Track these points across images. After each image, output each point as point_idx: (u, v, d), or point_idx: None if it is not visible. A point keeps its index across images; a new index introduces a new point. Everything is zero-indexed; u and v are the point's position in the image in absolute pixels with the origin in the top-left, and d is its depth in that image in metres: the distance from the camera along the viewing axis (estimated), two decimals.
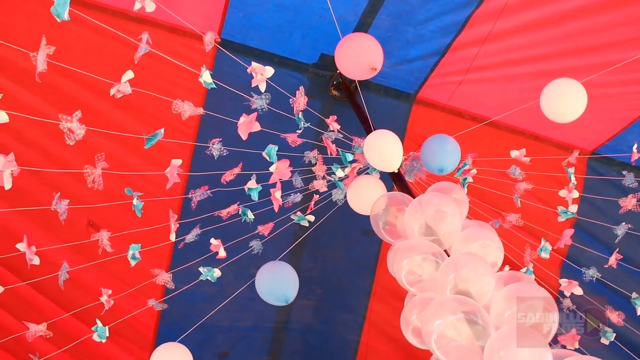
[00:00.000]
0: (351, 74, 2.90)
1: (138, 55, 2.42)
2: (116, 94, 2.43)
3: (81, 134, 2.30)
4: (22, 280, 3.08)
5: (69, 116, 2.30)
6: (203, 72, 2.58)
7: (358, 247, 3.93)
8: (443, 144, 2.91)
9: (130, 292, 3.14)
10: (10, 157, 2.24)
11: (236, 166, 2.96)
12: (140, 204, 2.75)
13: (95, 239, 2.80)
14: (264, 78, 2.64)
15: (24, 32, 3.01)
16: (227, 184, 2.92)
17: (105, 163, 2.58)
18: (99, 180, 2.52)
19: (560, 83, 2.67)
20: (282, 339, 4.01)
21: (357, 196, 2.97)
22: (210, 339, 3.76)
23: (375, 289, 4.00)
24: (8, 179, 2.24)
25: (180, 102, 2.59)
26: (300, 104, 2.81)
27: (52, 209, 2.56)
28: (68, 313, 3.01)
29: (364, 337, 4.07)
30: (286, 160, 2.85)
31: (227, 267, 3.07)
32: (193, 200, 2.93)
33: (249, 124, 2.64)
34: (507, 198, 3.50)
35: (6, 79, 3.15)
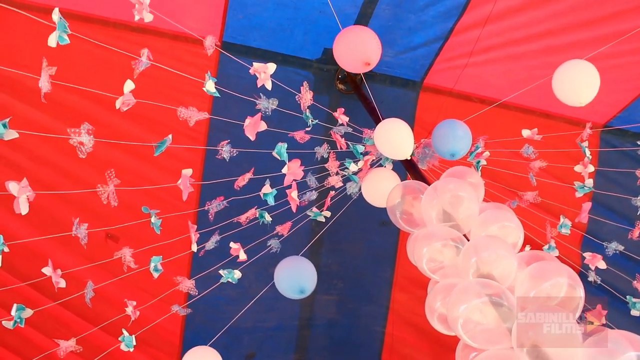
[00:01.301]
0: (348, 68, 2.90)
1: (138, 71, 2.43)
2: (122, 107, 2.44)
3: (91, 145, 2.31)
4: (47, 297, 3.11)
5: (77, 129, 2.31)
6: (207, 81, 2.59)
7: (376, 238, 3.93)
8: (453, 128, 2.90)
9: (152, 299, 3.17)
10: (24, 183, 2.26)
11: (249, 169, 2.97)
12: (159, 221, 2.77)
13: (119, 256, 2.82)
14: (268, 76, 2.65)
15: (29, 52, 3.03)
16: (241, 189, 2.93)
17: (117, 179, 2.60)
18: (113, 196, 2.54)
19: (572, 69, 2.64)
20: (307, 336, 4.02)
21: (372, 189, 2.97)
22: (236, 341, 3.77)
23: (396, 279, 3.99)
24: (24, 204, 2.28)
25: (184, 110, 2.60)
26: (306, 100, 2.81)
27: (72, 235, 2.59)
28: (96, 327, 3.03)
29: (389, 328, 4.07)
30: (297, 160, 2.85)
31: (247, 268, 3.08)
32: (210, 212, 2.95)
33: (255, 125, 2.65)
34: (522, 178, 3.48)
35: (15, 99, 3.18)
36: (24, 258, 3.14)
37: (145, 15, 2.38)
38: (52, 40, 2.23)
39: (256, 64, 2.69)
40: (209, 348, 2.78)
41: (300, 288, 2.61)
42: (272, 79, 2.74)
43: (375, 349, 4.10)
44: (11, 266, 3.15)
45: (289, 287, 2.65)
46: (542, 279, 2.02)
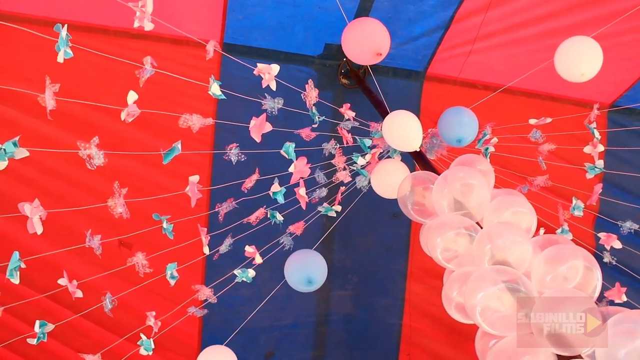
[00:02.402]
0: (359, 60, 2.89)
1: (143, 79, 2.44)
2: (127, 118, 2.45)
3: (101, 159, 2.33)
4: (65, 307, 3.13)
5: (87, 143, 2.33)
6: (212, 84, 2.59)
7: (388, 230, 3.92)
8: (459, 115, 2.89)
9: (171, 305, 3.18)
10: (36, 203, 2.29)
11: (254, 171, 2.98)
12: (170, 226, 2.79)
13: (132, 263, 2.84)
14: (272, 77, 2.65)
15: (32, 66, 3.05)
16: (250, 190, 2.94)
17: (125, 190, 2.61)
18: (124, 209, 2.55)
19: (574, 43, 2.63)
20: (324, 332, 4.02)
21: (381, 181, 2.97)
22: (254, 341, 3.79)
23: (410, 271, 3.99)
24: (38, 224, 2.31)
25: (188, 116, 2.61)
26: (312, 98, 2.81)
27: (86, 246, 2.61)
28: (121, 338, 3.06)
29: (406, 320, 4.07)
30: (303, 158, 2.86)
31: (261, 267, 3.09)
32: (220, 214, 2.96)
33: (260, 126, 2.66)
34: (532, 162, 3.46)
35: (21, 113, 3.20)
36: (40, 270, 3.15)
37: (146, 24, 2.39)
38: (60, 57, 2.25)
39: (260, 64, 2.69)
40: (222, 347, 2.79)
41: (308, 278, 2.60)
42: (276, 80, 2.75)
43: (393, 342, 4.10)
44: (28, 279, 3.16)
45: (297, 279, 2.65)
46: (558, 263, 2.02)
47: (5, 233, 3.31)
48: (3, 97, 3.22)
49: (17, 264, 2.37)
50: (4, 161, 2.11)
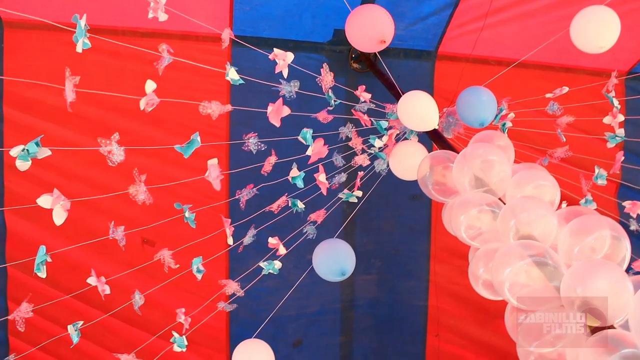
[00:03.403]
0: (364, 49, 2.87)
1: (162, 67, 2.44)
2: (146, 107, 2.45)
3: (121, 155, 2.34)
4: (95, 307, 3.17)
5: (107, 139, 2.34)
6: (229, 70, 2.58)
7: (408, 213, 3.92)
8: (478, 96, 2.84)
9: (197, 299, 3.21)
10: (57, 193, 2.29)
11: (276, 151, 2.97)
12: (192, 215, 2.79)
13: (157, 259, 2.85)
14: (286, 64, 2.64)
15: (45, 70, 3.07)
16: (269, 175, 2.93)
17: (144, 176, 2.62)
18: (147, 195, 2.56)
19: (590, 15, 2.58)
20: (351, 318, 4.03)
21: (400, 163, 2.95)
22: (281, 330, 3.81)
23: (433, 252, 3.98)
24: (60, 213, 2.29)
25: (207, 103, 2.61)
26: (327, 82, 2.80)
27: (110, 238, 2.62)
28: (154, 337, 3.08)
29: (432, 301, 4.07)
30: (320, 139, 2.84)
31: (285, 257, 3.10)
32: (241, 201, 2.96)
33: (278, 110, 2.65)
34: (550, 135, 3.43)
35: (38, 119, 3.23)
36: (65, 271, 3.21)
37: (160, 15, 2.37)
38: (79, 47, 2.24)
39: (277, 50, 2.68)
40: (257, 340, 2.81)
41: (342, 270, 2.61)
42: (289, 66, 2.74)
43: (420, 323, 4.10)
44: (55, 281, 3.21)
45: (330, 271, 2.66)
46: (584, 234, 1.99)
47: (28, 236, 3.36)
48: (19, 104, 3.25)
49: (43, 258, 2.38)
50: (27, 161, 2.11)
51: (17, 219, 3.37)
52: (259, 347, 2.75)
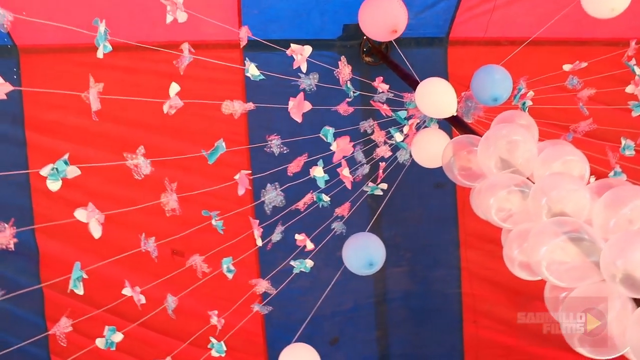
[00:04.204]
0: (376, 37, 2.86)
1: (182, 67, 2.45)
2: (169, 110, 2.46)
3: (148, 167, 2.35)
4: (130, 321, 3.19)
5: (133, 154, 2.35)
6: (249, 67, 2.58)
7: (434, 201, 3.90)
8: (491, 73, 2.82)
9: (229, 305, 3.21)
10: (91, 207, 2.30)
11: (294, 158, 2.97)
12: (220, 221, 2.80)
13: (190, 264, 2.87)
14: (304, 58, 2.64)
15: (61, 93, 3.10)
16: (293, 175, 2.94)
17: (175, 184, 2.64)
18: (177, 205, 2.57)
19: None
20: (385, 311, 4.02)
21: (422, 151, 2.93)
22: (317, 329, 3.80)
23: (462, 238, 3.95)
24: (96, 227, 2.31)
25: (229, 103, 2.61)
26: (345, 74, 2.79)
27: (142, 250, 2.63)
28: (185, 343, 3.10)
29: (465, 288, 4.04)
30: (346, 137, 2.84)
31: (315, 256, 3.09)
32: (266, 203, 2.96)
33: (300, 105, 2.65)
34: (572, 110, 3.37)
35: (60, 140, 3.28)
36: (98, 287, 3.22)
37: (180, 16, 2.38)
38: (100, 52, 2.26)
39: (294, 45, 2.69)
40: (301, 344, 2.80)
41: (370, 261, 2.61)
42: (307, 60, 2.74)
43: (455, 312, 4.08)
44: (88, 297, 3.24)
45: (358, 263, 2.65)
46: (619, 206, 1.95)
47: (60, 256, 3.41)
48: (40, 127, 3.31)
49: (79, 274, 2.40)
50: (57, 181, 2.12)
51: (48, 240, 3.43)
52: (305, 352, 2.75)
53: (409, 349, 4.11)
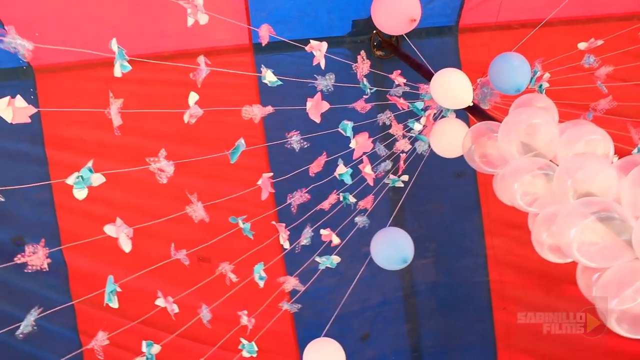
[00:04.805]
0: (394, 31, 2.85)
1: (200, 80, 2.46)
2: (190, 120, 2.47)
3: (171, 169, 2.36)
4: (163, 330, 3.23)
5: (155, 157, 2.36)
6: (266, 73, 2.59)
7: (455, 191, 3.88)
8: (509, 62, 2.77)
9: (258, 307, 3.23)
10: (119, 222, 2.32)
11: (313, 160, 2.97)
12: (248, 225, 2.81)
13: (219, 272, 2.88)
14: (322, 54, 2.63)
15: (79, 107, 3.14)
16: (313, 178, 2.94)
17: (195, 195, 2.65)
18: (204, 213, 2.59)
19: None
20: (414, 304, 4.02)
21: (441, 141, 2.92)
22: (347, 326, 3.81)
23: (486, 226, 3.93)
24: (126, 241, 2.33)
25: (249, 107, 2.62)
26: (363, 69, 2.79)
27: (172, 258, 2.65)
28: (216, 346, 3.11)
29: (493, 275, 4.02)
30: (365, 133, 2.83)
31: (340, 253, 3.09)
32: (292, 205, 2.97)
33: (318, 106, 2.64)
34: (590, 89, 3.33)
35: (80, 156, 3.29)
36: (129, 300, 3.24)
37: (201, 18, 2.38)
38: (117, 71, 2.25)
39: (313, 41, 2.68)
40: (325, 339, 2.81)
41: (403, 258, 2.60)
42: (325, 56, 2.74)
43: (484, 300, 4.06)
44: (121, 310, 3.27)
45: (392, 260, 2.65)
46: None
47: (89, 271, 3.44)
48: (60, 144, 3.34)
49: (113, 287, 2.42)
50: (83, 189, 2.14)
51: (75, 256, 3.47)
52: (328, 346, 2.75)
53: (440, 340, 4.10)
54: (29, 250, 2.15)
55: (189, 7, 2.33)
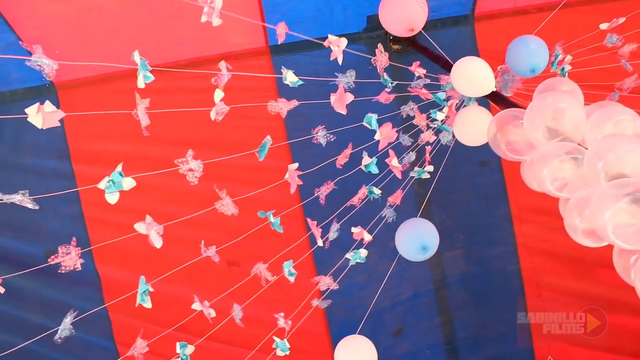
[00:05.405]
0: (394, 32, 2.85)
1: (222, 85, 2.47)
2: (217, 117, 2.48)
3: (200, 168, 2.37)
4: (198, 336, 3.25)
5: (183, 157, 2.38)
6: (287, 74, 2.59)
7: (480, 180, 3.85)
8: (525, 44, 2.76)
9: (292, 310, 3.23)
10: (149, 219, 2.33)
11: (335, 156, 2.97)
12: (277, 219, 2.82)
13: (254, 273, 2.89)
14: (341, 50, 2.63)
15: (102, 120, 3.19)
16: (337, 170, 2.93)
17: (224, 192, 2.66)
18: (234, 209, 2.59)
19: None
20: (446, 296, 4.00)
21: (465, 131, 2.90)
22: (380, 322, 3.81)
23: (514, 213, 3.89)
24: (157, 238, 2.34)
25: (274, 103, 2.63)
26: (383, 62, 2.78)
27: (203, 256, 2.66)
28: (254, 350, 3.13)
29: (524, 263, 3.98)
30: (388, 123, 2.82)
31: (369, 249, 3.08)
32: (321, 197, 2.97)
33: (342, 98, 2.64)
34: (614, 69, 3.27)
35: (106, 168, 3.33)
36: (162, 306, 3.28)
37: (214, 20, 2.39)
38: (140, 82, 2.26)
39: (331, 36, 2.66)
40: (356, 336, 2.81)
41: (422, 244, 2.59)
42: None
43: (517, 288, 4.02)
44: (155, 317, 3.32)
45: (412, 248, 2.64)
46: None
47: (121, 280, 3.49)
48: (86, 158, 3.39)
49: (145, 287, 2.43)
50: (115, 193, 2.16)
51: (107, 266, 3.52)
52: (358, 343, 2.76)
53: (473, 330, 4.07)
54: (61, 252, 2.17)
55: (206, 6, 2.33)
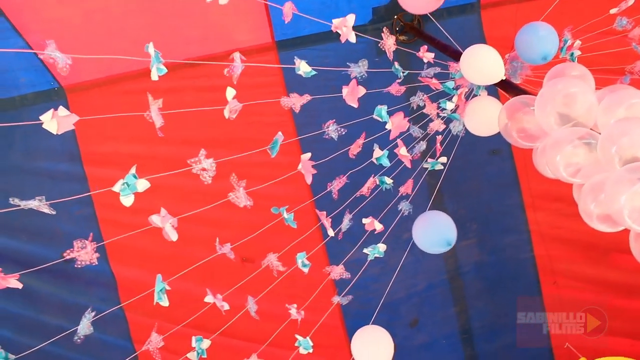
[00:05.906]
0: (422, 10, 2.82)
1: (236, 76, 2.46)
2: (230, 115, 2.47)
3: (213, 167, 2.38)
4: (212, 332, 3.27)
5: (196, 157, 2.38)
6: (300, 64, 2.58)
7: (492, 169, 3.84)
8: (535, 31, 2.74)
9: (304, 301, 3.24)
10: (164, 212, 2.34)
11: (345, 153, 2.97)
12: (291, 215, 2.82)
13: (265, 265, 2.90)
14: (350, 29, 2.61)
15: (111, 122, 3.19)
16: (349, 162, 2.93)
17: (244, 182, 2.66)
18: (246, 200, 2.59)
19: None
20: (461, 286, 3.99)
21: (476, 120, 2.88)
22: (395, 314, 3.82)
23: (526, 201, 3.88)
24: (172, 231, 2.34)
25: (286, 98, 2.62)
26: (390, 45, 2.76)
27: (218, 252, 2.66)
28: (266, 342, 3.15)
29: (538, 250, 3.97)
30: (400, 113, 2.81)
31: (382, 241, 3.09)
32: (334, 192, 2.97)
33: (354, 91, 2.63)
34: (624, 52, 3.25)
35: (117, 169, 3.35)
36: (177, 304, 3.29)
37: None
38: (154, 74, 2.28)
39: (335, 20, 2.64)
40: (372, 326, 2.81)
41: (447, 240, 2.59)
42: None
43: (532, 276, 4.01)
44: (170, 315, 3.34)
45: (435, 243, 2.63)
46: None
47: (136, 280, 3.51)
48: (97, 160, 3.41)
49: (162, 285, 2.44)
50: (130, 195, 2.16)
51: (122, 267, 3.54)
52: (374, 332, 2.76)
53: (489, 319, 4.07)
54: (77, 246, 2.18)
55: None
